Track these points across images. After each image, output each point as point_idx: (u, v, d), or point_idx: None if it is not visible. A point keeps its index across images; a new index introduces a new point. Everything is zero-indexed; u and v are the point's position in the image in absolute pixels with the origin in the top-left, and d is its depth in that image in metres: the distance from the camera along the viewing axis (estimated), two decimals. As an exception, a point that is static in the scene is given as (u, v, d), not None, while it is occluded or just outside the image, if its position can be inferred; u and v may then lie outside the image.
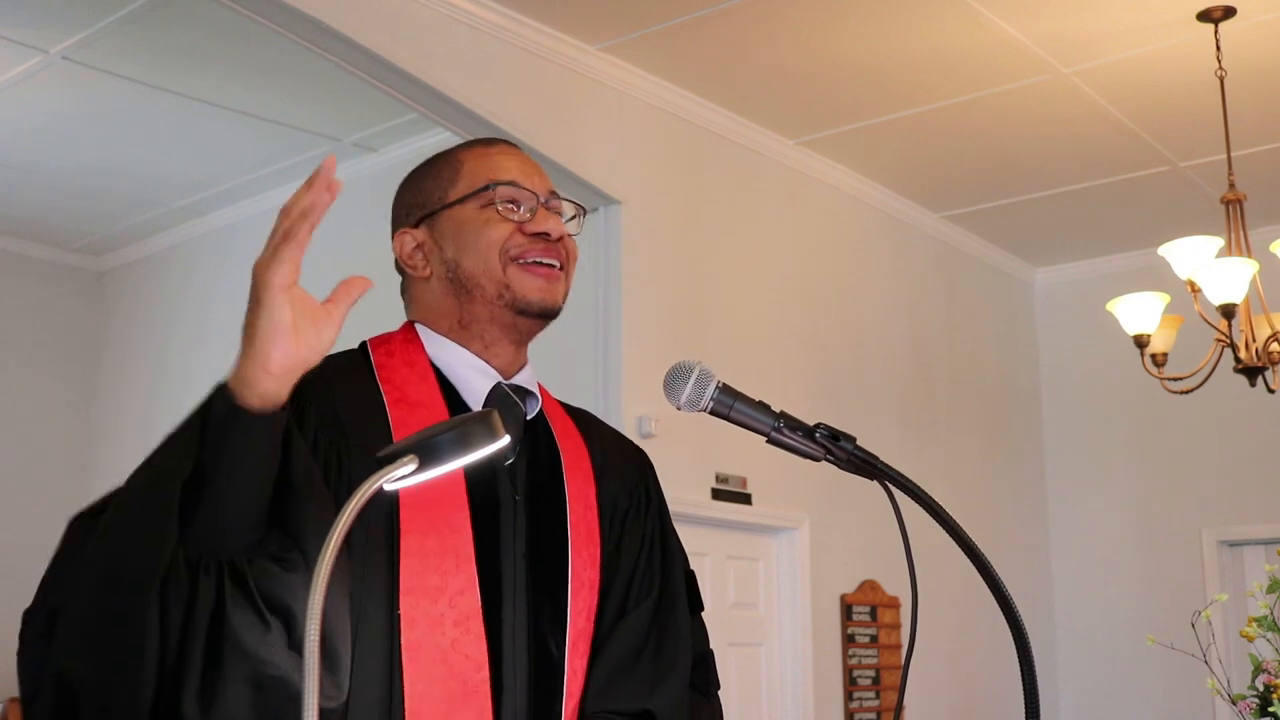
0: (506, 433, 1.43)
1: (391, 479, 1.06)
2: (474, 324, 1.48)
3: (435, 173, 1.54)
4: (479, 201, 1.48)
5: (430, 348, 1.49)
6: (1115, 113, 5.24)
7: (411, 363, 1.46)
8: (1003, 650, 1.65)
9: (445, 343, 1.49)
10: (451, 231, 1.49)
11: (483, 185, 1.48)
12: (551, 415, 1.54)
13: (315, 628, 0.94)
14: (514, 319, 1.47)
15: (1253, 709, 3.13)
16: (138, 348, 7.07)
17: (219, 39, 4.74)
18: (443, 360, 1.48)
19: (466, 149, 1.56)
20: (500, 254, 1.46)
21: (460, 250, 1.48)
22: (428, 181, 1.54)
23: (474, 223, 1.48)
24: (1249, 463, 6.41)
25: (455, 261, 1.48)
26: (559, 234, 1.48)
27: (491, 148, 1.55)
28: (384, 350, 1.48)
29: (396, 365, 1.46)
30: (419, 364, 1.46)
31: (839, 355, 5.78)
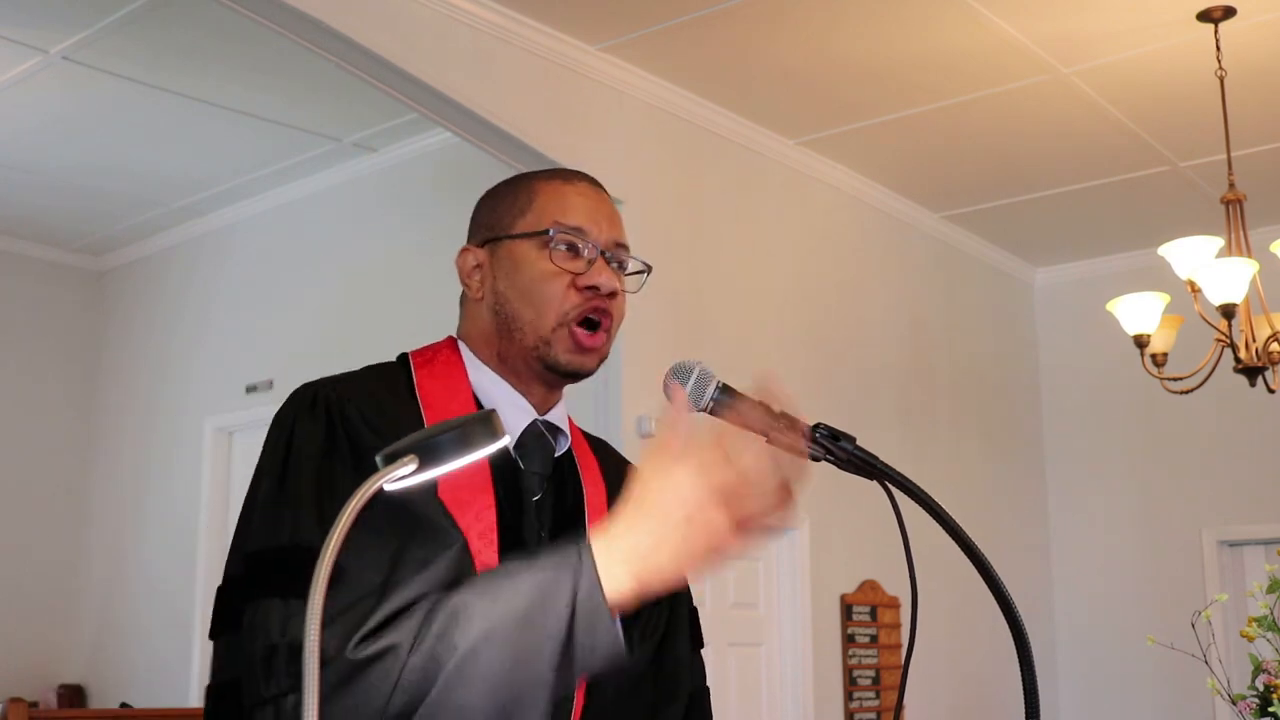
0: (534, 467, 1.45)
1: (392, 479, 1.06)
2: (509, 360, 1.46)
3: (511, 195, 1.51)
4: (538, 242, 1.44)
5: (473, 373, 1.47)
6: (1115, 113, 5.24)
7: (454, 390, 1.44)
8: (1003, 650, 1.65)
9: (487, 371, 1.47)
10: (508, 266, 1.46)
11: (544, 228, 1.44)
12: (578, 451, 1.54)
13: (315, 627, 0.94)
14: (542, 370, 1.45)
15: (1253, 709, 3.13)
16: (138, 348, 7.06)
17: (219, 39, 4.74)
18: (483, 389, 1.46)
19: (545, 179, 1.51)
20: (556, 316, 1.43)
21: (511, 289, 1.45)
22: (501, 203, 1.51)
23: (530, 266, 1.44)
24: (1249, 463, 6.41)
25: (505, 297, 1.45)
26: (609, 289, 1.44)
27: (568, 184, 1.50)
28: (427, 371, 1.46)
29: (439, 389, 1.44)
30: (461, 392, 1.44)
31: (839, 355, 5.78)
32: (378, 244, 5.82)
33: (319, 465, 1.32)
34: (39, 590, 6.86)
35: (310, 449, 1.33)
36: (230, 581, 1.34)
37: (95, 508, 7.07)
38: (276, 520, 1.30)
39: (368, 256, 5.87)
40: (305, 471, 1.31)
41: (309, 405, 1.37)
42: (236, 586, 1.31)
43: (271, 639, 1.22)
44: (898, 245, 6.31)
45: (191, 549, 6.31)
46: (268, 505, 1.32)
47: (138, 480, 6.87)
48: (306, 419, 1.35)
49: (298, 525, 1.28)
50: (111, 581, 6.87)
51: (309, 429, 1.34)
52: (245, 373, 6.25)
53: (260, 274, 6.42)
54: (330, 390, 1.38)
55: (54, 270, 7.22)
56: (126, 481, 6.95)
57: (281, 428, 1.37)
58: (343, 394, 1.37)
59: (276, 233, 6.42)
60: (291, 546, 1.27)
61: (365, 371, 1.46)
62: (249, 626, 1.25)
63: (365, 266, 5.87)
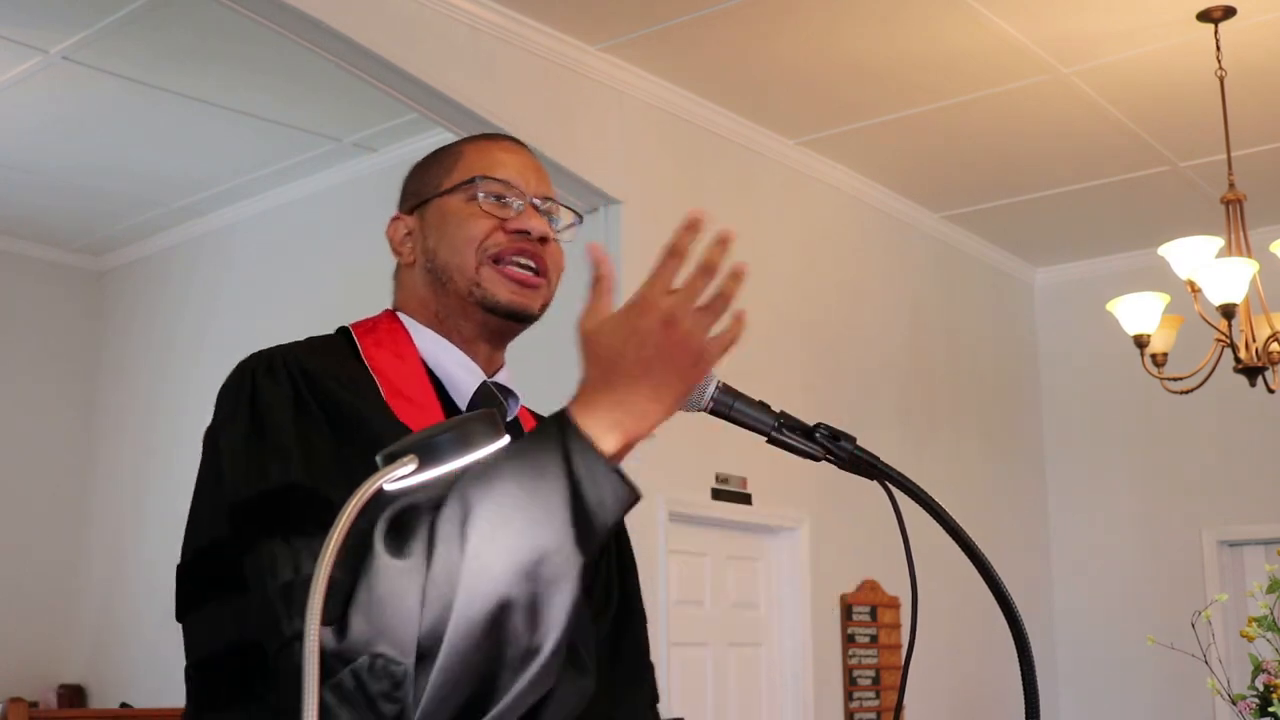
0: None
1: (392, 479, 1.06)
2: (449, 318, 1.46)
3: (437, 162, 1.53)
4: (465, 194, 1.46)
5: (417, 339, 1.45)
6: (1115, 113, 5.24)
7: (401, 355, 1.42)
8: (1002, 650, 1.65)
9: (431, 335, 1.46)
10: (436, 221, 1.48)
11: (470, 178, 1.46)
12: (523, 417, 1.52)
13: (315, 627, 0.94)
14: (484, 317, 1.44)
15: (1253, 709, 3.13)
16: (138, 348, 7.06)
17: (219, 39, 4.74)
18: (429, 353, 1.45)
19: (471, 141, 1.55)
20: (477, 251, 1.43)
21: (439, 240, 1.46)
22: (428, 170, 1.54)
23: (457, 215, 1.46)
24: (1249, 463, 6.41)
25: (434, 251, 1.46)
26: (540, 233, 1.43)
27: (495, 143, 1.53)
28: (371, 339, 1.43)
29: (386, 356, 1.41)
30: (409, 357, 1.43)
31: (839, 355, 5.78)
32: (378, 244, 5.76)
33: (294, 417, 1.26)
34: (39, 590, 6.86)
35: (279, 403, 1.27)
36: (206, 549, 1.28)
37: (95, 508, 7.07)
38: (260, 470, 1.23)
39: (368, 256, 5.84)
40: (280, 422, 1.25)
41: (266, 369, 1.31)
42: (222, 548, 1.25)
43: (284, 577, 1.16)
44: (898, 245, 6.31)
45: (191, 549, 6.30)
46: (245, 457, 1.25)
47: (138, 480, 6.87)
48: (266, 379, 1.29)
49: (285, 470, 1.22)
50: (111, 581, 6.87)
51: (271, 387, 1.28)
52: (245, 373, 6.24)
53: (260, 274, 6.42)
54: (285, 356, 1.33)
55: (54, 270, 7.22)
56: (126, 481, 6.95)
57: (239, 389, 1.30)
58: (299, 359, 1.32)
59: (276, 233, 6.42)
60: (282, 488, 1.21)
61: (307, 342, 1.42)
62: (254, 574, 1.18)
63: (365, 266, 5.83)
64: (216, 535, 1.27)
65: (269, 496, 1.22)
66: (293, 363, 1.31)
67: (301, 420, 1.26)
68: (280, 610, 1.15)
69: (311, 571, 1.03)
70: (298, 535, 1.18)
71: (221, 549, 1.25)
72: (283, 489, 1.21)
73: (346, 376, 1.34)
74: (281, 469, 1.22)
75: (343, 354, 1.40)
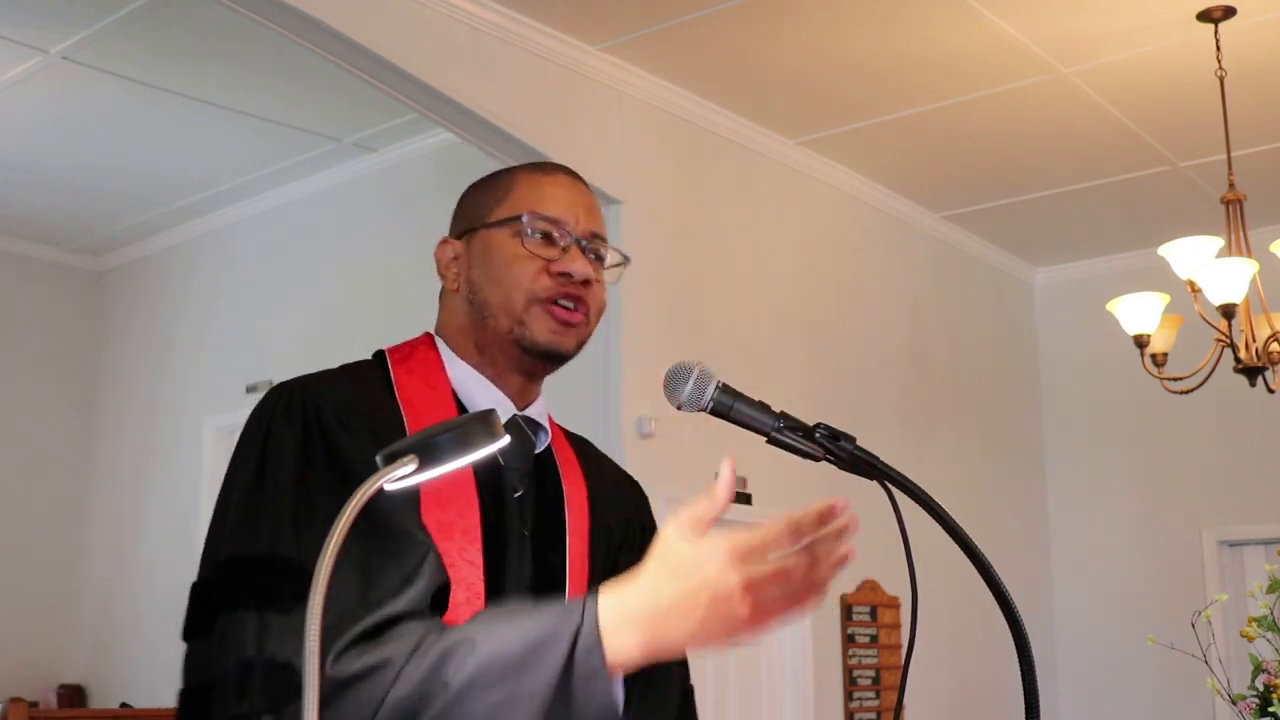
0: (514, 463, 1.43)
1: (392, 479, 1.06)
2: (487, 350, 1.46)
3: (490, 188, 1.51)
4: (512, 229, 1.45)
5: (450, 369, 1.46)
6: (1115, 113, 5.24)
7: (432, 385, 1.43)
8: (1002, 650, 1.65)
9: (464, 366, 1.46)
10: (482, 253, 1.46)
11: (518, 214, 1.45)
12: (557, 447, 1.52)
13: (315, 627, 0.94)
14: (519, 354, 1.44)
15: (1253, 709, 3.13)
16: (138, 348, 7.07)
17: (219, 39, 4.74)
18: (461, 384, 1.45)
19: (525, 171, 1.52)
20: (525, 295, 1.42)
21: (484, 276, 1.45)
22: (480, 195, 1.52)
23: (503, 252, 1.44)
24: (1249, 463, 6.41)
25: (478, 285, 1.45)
26: (582, 276, 1.43)
27: (546, 175, 1.50)
28: (404, 368, 1.45)
29: (417, 385, 1.43)
30: (440, 387, 1.44)
31: (839, 355, 5.78)
32: (378, 244, 5.82)
33: (294, 472, 1.29)
34: (39, 590, 6.86)
35: (286, 454, 1.30)
36: (204, 584, 1.31)
37: (95, 508, 7.07)
38: (252, 528, 1.27)
39: (368, 256, 5.87)
40: (281, 478, 1.29)
41: (284, 408, 1.34)
42: (210, 590, 1.29)
43: (246, 653, 1.20)
44: (898, 245, 6.31)
45: (191, 549, 6.30)
46: (242, 510, 1.29)
47: (138, 480, 6.87)
48: (282, 422, 1.33)
49: (274, 536, 1.25)
50: (111, 581, 6.87)
51: (284, 433, 1.32)
52: (245, 373, 6.24)
53: (260, 274, 6.42)
54: (306, 392, 1.36)
55: (54, 270, 7.22)
56: (126, 481, 6.95)
57: (257, 429, 1.34)
58: (320, 396, 1.35)
59: (276, 233, 6.42)
60: (266, 557, 1.25)
61: (342, 370, 1.45)
62: (221, 637, 1.22)
63: (365, 266, 5.87)
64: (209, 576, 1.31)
65: (251, 562, 1.25)
66: (311, 404, 1.34)
67: (302, 473, 1.29)
68: (232, 687, 1.20)
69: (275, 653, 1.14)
70: (271, 609, 1.21)
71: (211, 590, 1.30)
72: (265, 557, 1.25)
73: (370, 411, 1.36)
74: (270, 531, 1.26)
75: (374, 382, 1.42)
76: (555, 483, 1.48)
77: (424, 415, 1.39)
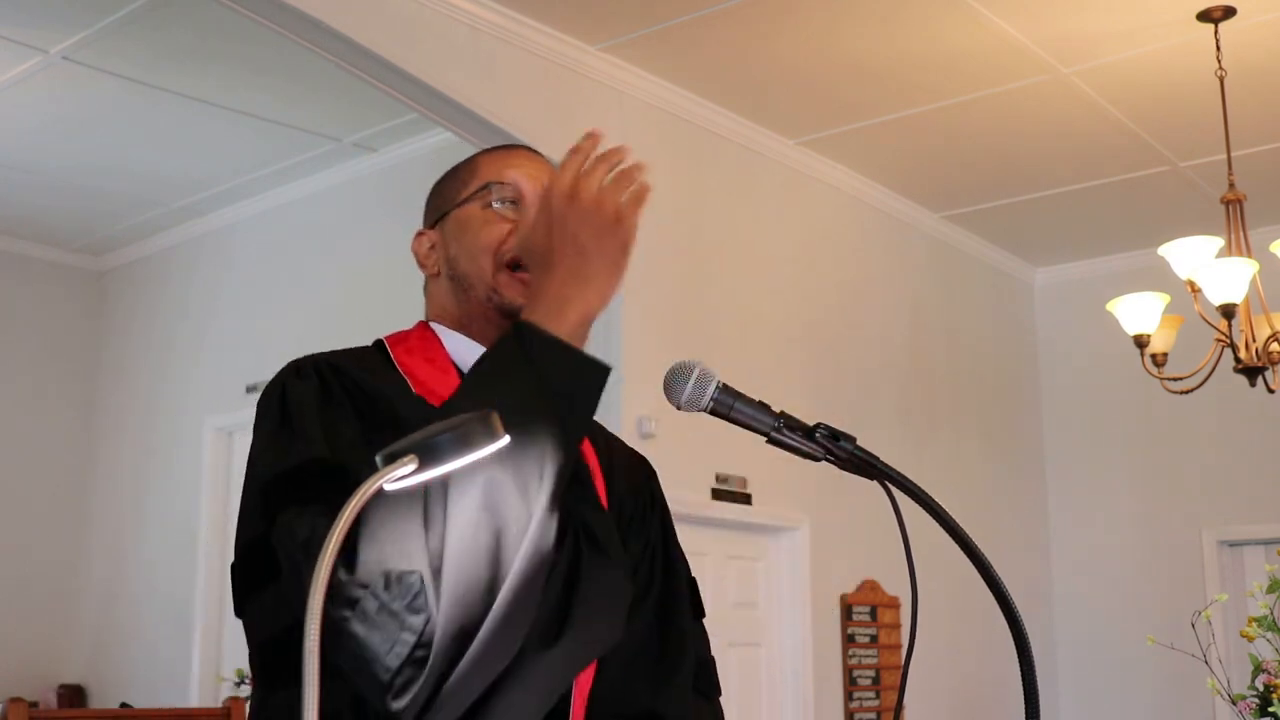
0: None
1: (392, 479, 1.06)
2: (472, 323, 1.48)
3: (455, 176, 1.57)
4: (480, 201, 1.50)
5: (448, 343, 1.49)
6: (1115, 113, 5.24)
7: (431, 359, 1.46)
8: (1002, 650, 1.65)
9: (460, 338, 1.49)
10: (455, 231, 1.51)
11: (485, 184, 1.50)
12: None
13: (315, 627, 0.94)
14: (502, 321, 1.45)
15: (1253, 709, 3.13)
16: (138, 348, 7.07)
17: (219, 39, 4.74)
18: (459, 355, 1.48)
19: (485, 152, 1.58)
20: (493, 258, 1.46)
21: (459, 249, 1.49)
22: (447, 184, 1.57)
23: (474, 222, 1.49)
24: (1249, 463, 6.42)
25: (455, 260, 1.50)
26: None
27: (509, 152, 1.57)
28: (403, 348, 1.48)
29: (417, 361, 1.45)
30: (439, 359, 1.46)
31: (839, 355, 5.78)
32: (378, 244, 5.82)
33: (320, 408, 1.31)
34: (39, 590, 6.86)
35: (308, 398, 1.32)
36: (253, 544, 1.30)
37: (95, 508, 7.07)
38: (283, 453, 1.28)
39: (368, 256, 5.87)
40: (308, 413, 1.30)
41: (296, 373, 1.37)
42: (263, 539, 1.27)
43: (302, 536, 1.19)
44: (898, 245, 6.31)
45: (191, 549, 6.31)
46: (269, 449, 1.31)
47: (138, 480, 6.87)
48: (297, 381, 1.35)
49: (307, 449, 1.26)
50: (111, 581, 6.87)
51: (302, 387, 1.33)
52: (245, 373, 6.25)
53: (260, 274, 6.42)
54: (317, 360, 1.39)
55: (54, 270, 7.23)
56: (126, 481, 6.95)
57: (271, 394, 1.36)
58: (328, 359, 1.39)
59: (276, 233, 6.42)
60: (302, 464, 1.25)
61: (342, 350, 1.47)
62: (279, 544, 1.22)
63: (365, 266, 5.87)
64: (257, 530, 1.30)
65: (289, 474, 1.26)
66: (322, 363, 1.38)
67: (327, 410, 1.31)
68: (303, 564, 1.18)
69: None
70: (315, 502, 1.21)
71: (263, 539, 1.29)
72: (302, 465, 1.26)
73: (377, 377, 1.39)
74: (303, 449, 1.27)
75: (376, 360, 1.45)
76: None
77: (428, 386, 1.41)
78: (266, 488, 1.28)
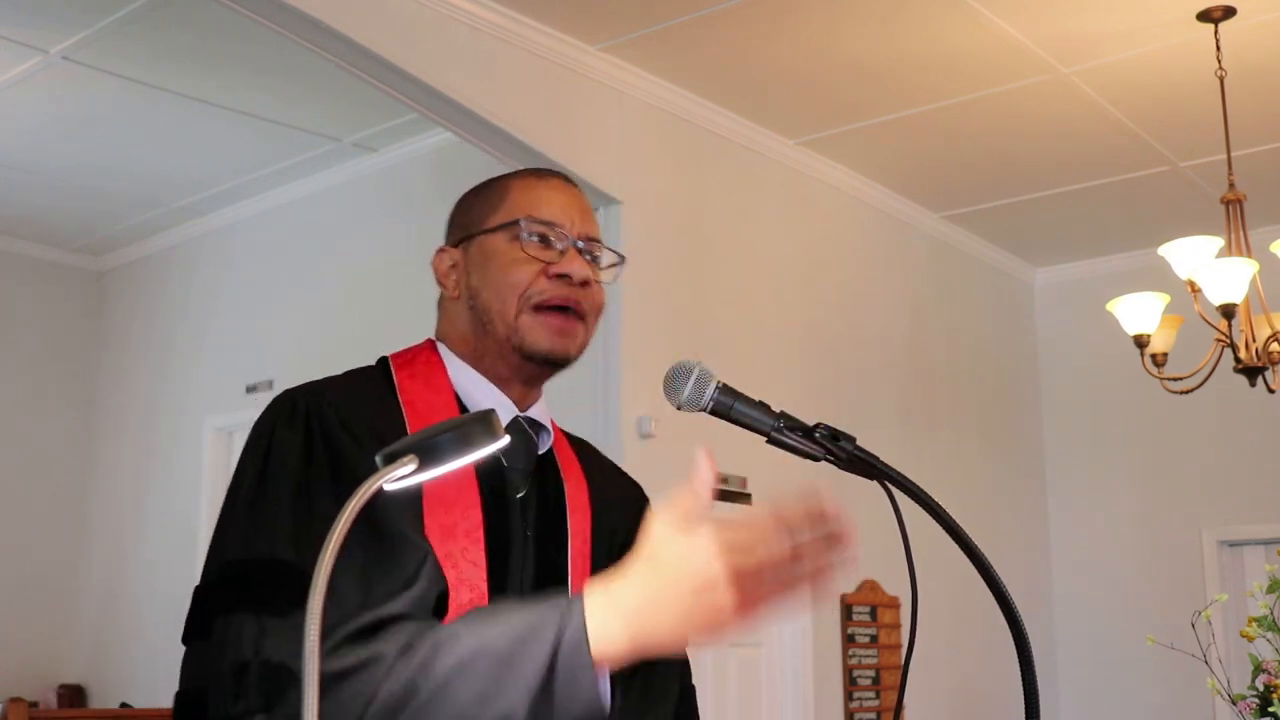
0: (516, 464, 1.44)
1: (392, 479, 1.06)
2: (486, 356, 1.47)
3: (485, 195, 1.53)
4: (509, 234, 1.46)
5: (452, 371, 1.47)
6: (1115, 113, 5.24)
7: (435, 388, 1.45)
8: (1002, 650, 1.65)
9: (467, 369, 1.47)
10: (480, 260, 1.47)
11: (515, 219, 1.46)
12: (559, 449, 1.53)
13: (315, 627, 0.94)
14: (520, 362, 1.45)
15: (1253, 709, 3.13)
16: (138, 348, 7.07)
17: (219, 39, 4.74)
18: (463, 387, 1.47)
19: (518, 177, 1.54)
20: (519, 299, 1.43)
21: (483, 281, 1.46)
22: (475, 203, 1.53)
23: (501, 257, 1.46)
24: (1249, 463, 6.41)
25: (477, 291, 1.46)
26: (581, 278, 1.44)
27: (541, 180, 1.52)
28: (407, 372, 1.46)
29: (419, 389, 1.44)
30: (443, 390, 1.45)
31: (839, 355, 5.78)
32: (378, 244, 5.82)
33: (297, 478, 1.30)
34: (39, 590, 6.86)
35: (289, 460, 1.32)
36: (206, 587, 1.33)
37: (95, 508, 7.07)
38: (252, 532, 1.29)
39: (368, 256, 5.87)
40: (283, 484, 1.30)
41: (288, 414, 1.35)
42: (210, 593, 1.30)
43: (244, 655, 1.21)
44: (898, 245, 6.31)
45: (191, 549, 6.30)
46: (244, 516, 1.31)
47: (138, 480, 6.87)
48: (285, 428, 1.34)
49: (274, 540, 1.27)
50: (111, 581, 6.87)
51: (287, 438, 1.33)
52: (245, 373, 6.25)
53: (260, 274, 6.42)
54: (310, 399, 1.37)
55: (54, 270, 7.22)
56: (126, 481, 6.95)
57: (260, 436, 1.36)
58: (323, 402, 1.36)
59: (276, 233, 6.42)
60: (265, 561, 1.26)
61: (346, 376, 1.46)
62: (219, 640, 1.24)
63: (365, 266, 5.87)
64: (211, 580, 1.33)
65: (251, 566, 1.27)
66: (314, 410, 1.35)
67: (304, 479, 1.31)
68: (229, 688, 1.21)
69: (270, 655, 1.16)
70: (268, 613, 1.22)
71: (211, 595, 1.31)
72: (264, 561, 1.26)
73: (373, 416, 1.37)
74: (270, 535, 1.27)
75: (377, 386, 1.44)
76: (557, 484, 1.49)
77: (427, 417, 1.40)
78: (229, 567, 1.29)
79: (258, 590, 1.24)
